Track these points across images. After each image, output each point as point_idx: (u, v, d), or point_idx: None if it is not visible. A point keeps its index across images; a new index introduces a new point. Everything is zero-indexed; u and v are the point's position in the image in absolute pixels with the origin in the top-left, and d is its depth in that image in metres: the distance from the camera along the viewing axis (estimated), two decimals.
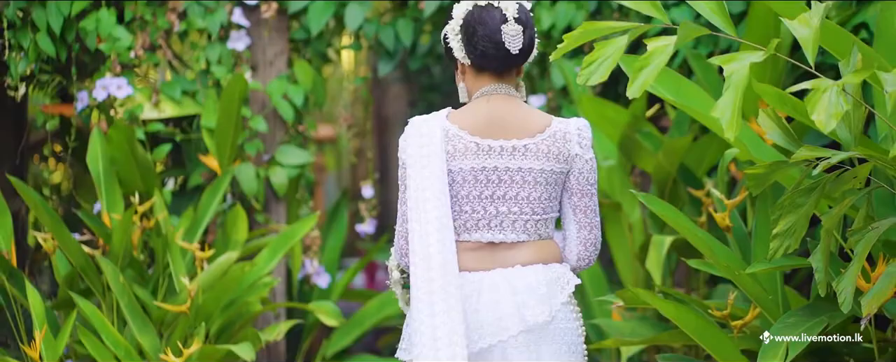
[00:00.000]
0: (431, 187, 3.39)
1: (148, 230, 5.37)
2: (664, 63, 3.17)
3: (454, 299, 3.34)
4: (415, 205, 3.41)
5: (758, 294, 4.02)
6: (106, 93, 5.52)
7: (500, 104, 3.52)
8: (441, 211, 3.38)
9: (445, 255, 3.36)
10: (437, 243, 3.37)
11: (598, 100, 5.57)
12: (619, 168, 5.79)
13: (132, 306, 5.06)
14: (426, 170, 3.40)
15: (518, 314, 3.44)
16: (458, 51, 3.50)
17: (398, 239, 3.53)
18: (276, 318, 5.98)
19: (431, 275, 3.35)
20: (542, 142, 3.49)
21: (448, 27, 3.52)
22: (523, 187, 3.48)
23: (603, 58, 3.21)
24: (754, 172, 3.70)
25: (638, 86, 3.16)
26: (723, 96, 3.12)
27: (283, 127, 6.03)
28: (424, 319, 3.33)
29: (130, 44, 5.62)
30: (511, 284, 3.47)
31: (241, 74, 5.54)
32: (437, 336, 3.32)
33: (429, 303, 3.33)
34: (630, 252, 5.81)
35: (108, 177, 5.33)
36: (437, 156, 3.41)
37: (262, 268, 5.41)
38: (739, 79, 3.14)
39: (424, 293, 3.35)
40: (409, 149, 3.46)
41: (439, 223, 3.38)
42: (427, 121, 3.47)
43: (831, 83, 3.12)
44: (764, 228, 4.10)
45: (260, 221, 5.95)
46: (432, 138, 3.42)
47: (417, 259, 3.38)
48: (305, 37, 6.08)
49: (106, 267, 5.02)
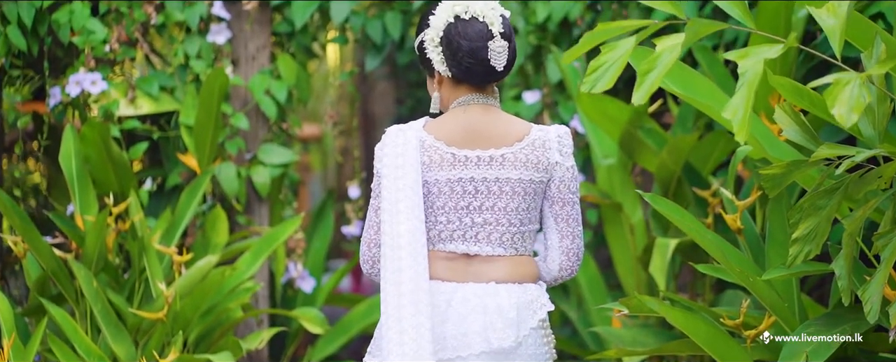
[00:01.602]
0: (405, 199, 3.37)
1: (123, 232, 5.25)
2: (673, 64, 3.00)
3: (423, 315, 3.32)
4: (388, 216, 3.37)
5: (773, 301, 3.84)
6: (79, 88, 5.41)
7: (477, 114, 3.48)
8: (413, 223, 3.35)
9: (416, 269, 3.34)
10: (409, 257, 3.34)
11: (597, 96, 5.40)
12: (620, 167, 5.69)
13: (106, 313, 4.97)
14: (400, 181, 3.38)
15: (483, 334, 3.41)
16: (439, 63, 3.44)
17: (362, 245, 3.51)
18: (258, 325, 5.90)
19: (401, 290, 3.32)
20: (520, 151, 3.45)
21: (426, 37, 3.44)
22: (501, 198, 3.44)
23: (609, 62, 3.06)
24: (770, 172, 3.53)
25: (644, 91, 2.99)
26: (735, 94, 2.94)
27: (266, 124, 5.95)
28: (392, 335, 3.32)
29: (105, 37, 5.51)
30: (482, 301, 3.43)
31: (221, 69, 5.45)
32: (404, 351, 3.29)
33: (397, 318, 3.31)
34: (631, 255, 5.69)
35: (81, 176, 5.22)
36: (412, 167, 3.39)
37: (244, 272, 5.34)
38: (753, 76, 2.95)
39: (393, 307, 3.33)
40: (385, 158, 3.43)
41: (411, 236, 3.35)
42: (403, 131, 3.45)
43: (855, 75, 2.94)
44: (779, 231, 3.99)
45: (241, 223, 5.86)
46: (407, 148, 3.40)
47: (387, 273, 3.35)
48: (289, 30, 5.98)
49: (79, 271, 4.93)
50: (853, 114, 2.86)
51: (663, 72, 2.97)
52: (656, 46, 3.01)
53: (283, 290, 6.28)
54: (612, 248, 5.79)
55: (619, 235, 5.73)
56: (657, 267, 5.02)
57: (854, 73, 2.91)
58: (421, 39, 3.46)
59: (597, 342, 5.75)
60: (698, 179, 5.29)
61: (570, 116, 5.95)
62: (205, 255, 5.39)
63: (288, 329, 6.05)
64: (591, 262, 5.97)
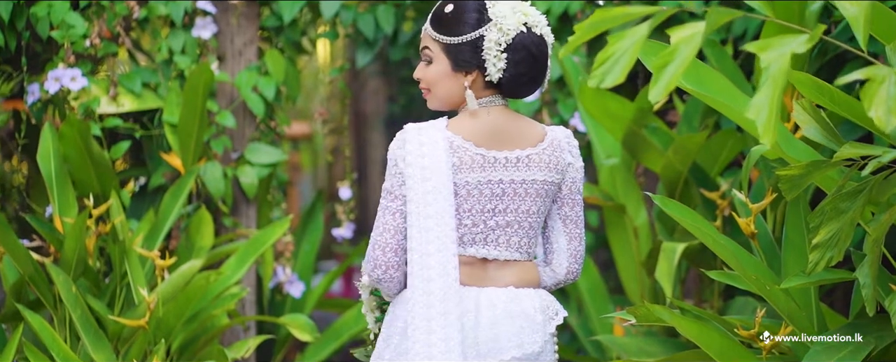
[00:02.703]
0: (434, 203, 3.30)
1: (104, 235, 5.17)
2: (692, 57, 2.77)
3: (452, 327, 3.29)
4: (416, 220, 3.30)
5: (791, 311, 3.67)
6: (59, 85, 5.33)
7: (500, 114, 3.42)
8: (443, 229, 3.30)
9: (446, 278, 3.29)
10: (438, 264, 3.29)
11: (600, 92, 5.28)
12: (623, 167, 5.55)
13: (86, 319, 4.90)
14: (429, 183, 3.30)
15: (516, 339, 3.38)
16: (492, 65, 3.34)
17: (374, 249, 3.38)
18: (244, 332, 5.83)
19: (430, 301, 3.28)
20: (543, 152, 3.42)
21: (490, 34, 3.34)
22: (524, 200, 3.41)
23: (619, 53, 2.79)
24: (788, 173, 3.36)
25: (661, 87, 2.75)
26: (758, 92, 2.73)
27: (253, 122, 5.87)
28: (419, 337, 3.28)
29: (86, 32, 5.43)
30: (508, 307, 3.40)
31: (206, 65, 5.36)
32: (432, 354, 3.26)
33: (426, 330, 3.28)
34: (635, 260, 5.56)
35: (60, 177, 5.15)
36: (442, 169, 3.32)
37: (230, 277, 5.27)
38: (778, 70, 2.73)
39: (422, 319, 3.29)
40: (408, 157, 3.33)
41: (440, 243, 3.29)
42: (426, 130, 3.36)
43: (888, 70, 2.72)
44: (796, 236, 3.83)
45: (227, 225, 5.79)
46: (435, 149, 3.32)
47: (416, 280, 3.30)
48: (277, 24, 5.91)
49: (57, 276, 4.86)
50: (893, 117, 2.65)
51: (682, 66, 2.75)
52: (670, 38, 2.80)
53: (271, 295, 6.23)
54: (615, 252, 5.68)
55: (622, 239, 5.63)
56: (663, 272, 4.89)
57: (886, 69, 2.71)
58: (480, 34, 3.35)
59: (598, 349, 5.65)
60: (706, 180, 5.18)
61: (570, 114, 5.85)
62: (189, 259, 5.34)
63: (276, 336, 6.03)
64: (593, 267, 5.88)
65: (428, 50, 3.41)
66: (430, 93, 3.45)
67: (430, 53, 3.41)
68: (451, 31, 3.34)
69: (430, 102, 3.46)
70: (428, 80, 3.43)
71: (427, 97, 3.46)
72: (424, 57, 3.43)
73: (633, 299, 5.55)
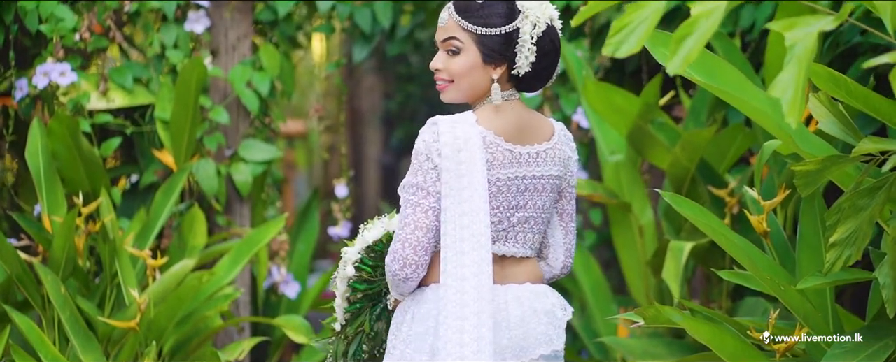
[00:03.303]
0: (470, 200, 3.27)
1: (94, 234, 5.15)
2: (712, 31, 2.68)
3: (485, 326, 3.25)
4: (451, 217, 3.28)
5: (807, 312, 3.57)
6: (47, 80, 5.31)
7: (520, 108, 3.42)
8: (479, 228, 3.26)
9: (480, 278, 3.25)
10: (473, 264, 3.25)
11: (605, 86, 5.22)
12: (629, 164, 5.48)
13: (75, 321, 4.88)
14: (465, 179, 3.27)
15: (545, 337, 3.40)
16: (523, 58, 3.33)
17: (405, 247, 3.31)
18: (238, 334, 5.79)
19: (465, 299, 3.25)
20: (554, 147, 3.44)
21: (525, 27, 3.32)
22: (541, 195, 3.41)
23: (636, 22, 2.73)
24: (804, 169, 3.28)
25: (679, 60, 2.67)
26: (783, 71, 2.66)
27: (248, 118, 5.84)
28: (451, 337, 3.25)
29: (75, 25, 5.41)
30: (532, 304, 3.41)
31: (199, 59, 5.33)
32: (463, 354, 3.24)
33: (458, 330, 3.25)
34: (640, 259, 5.48)
35: (49, 174, 5.14)
36: (478, 165, 3.28)
37: (223, 277, 5.27)
38: (804, 50, 2.66)
39: (454, 318, 3.25)
40: (444, 149, 3.28)
41: (475, 241, 3.26)
42: (460, 124, 3.31)
43: None
44: (810, 234, 3.74)
45: (221, 224, 5.75)
46: (470, 144, 3.28)
47: (449, 278, 3.27)
48: (272, 18, 5.87)
49: (45, 276, 4.84)
50: None
51: (702, 39, 2.67)
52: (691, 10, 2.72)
53: (266, 296, 6.16)
54: (620, 251, 5.61)
55: (627, 238, 5.56)
56: (671, 272, 4.81)
57: None
58: (516, 27, 3.31)
59: (601, 350, 5.58)
60: (714, 177, 5.11)
61: (572, 109, 5.82)
62: (181, 259, 5.30)
63: (270, 338, 5.98)
64: (596, 266, 5.82)
65: (455, 40, 3.33)
66: (450, 85, 3.38)
67: (457, 44, 3.33)
68: (484, 21, 3.30)
69: (446, 94, 3.39)
70: (453, 72, 3.36)
71: (444, 89, 3.39)
72: (449, 47, 3.35)
73: (637, 299, 5.49)
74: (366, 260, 3.51)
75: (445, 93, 3.38)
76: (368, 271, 3.51)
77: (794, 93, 2.62)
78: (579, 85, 5.46)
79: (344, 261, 3.54)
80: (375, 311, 3.54)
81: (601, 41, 5.61)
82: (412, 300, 3.38)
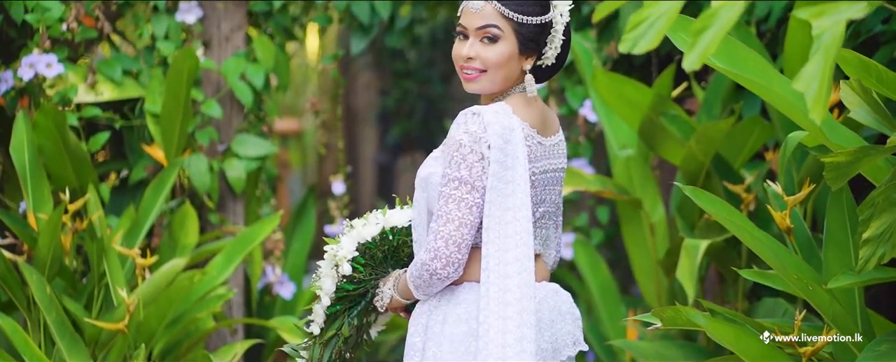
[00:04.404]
0: (513, 195, 3.21)
1: (81, 232, 5.13)
2: (733, 23, 2.58)
3: (528, 326, 3.19)
4: (495, 212, 3.22)
5: (836, 314, 3.44)
6: (33, 72, 5.27)
7: (539, 99, 3.40)
8: (522, 223, 3.20)
9: (523, 276, 3.20)
10: (516, 261, 3.19)
11: (615, 77, 5.14)
12: (640, 158, 5.39)
13: (61, 322, 4.85)
14: (509, 172, 3.21)
15: (572, 337, 3.40)
16: (553, 49, 3.32)
17: (448, 246, 3.23)
18: (231, 336, 5.78)
19: (507, 298, 3.19)
20: (562, 137, 3.46)
21: (558, 19, 3.32)
22: (556, 188, 3.40)
23: (654, 16, 2.63)
24: (835, 160, 3.16)
25: (697, 54, 2.56)
26: (809, 62, 2.52)
27: (241, 112, 5.80)
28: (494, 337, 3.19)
29: (62, 15, 5.37)
30: (557, 303, 3.39)
31: (190, 50, 5.31)
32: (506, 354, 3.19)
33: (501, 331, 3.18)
34: (651, 258, 5.39)
35: (34, 170, 5.09)
36: (521, 159, 3.23)
37: (216, 277, 5.22)
38: (831, 39, 2.52)
39: (496, 318, 3.19)
40: (493, 141, 3.20)
41: (519, 238, 3.20)
42: (502, 115, 3.25)
43: None
44: (838, 230, 3.60)
45: (213, 222, 5.74)
46: (513, 136, 3.23)
47: (492, 276, 3.20)
48: (266, 9, 5.85)
49: (30, 276, 4.81)
50: None
51: (722, 31, 2.55)
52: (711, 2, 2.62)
53: (260, 297, 6.16)
54: (630, 250, 5.53)
55: (638, 235, 5.48)
56: (685, 272, 4.71)
57: None
58: (551, 18, 3.30)
59: (608, 353, 5.51)
60: (729, 172, 5.02)
61: (579, 102, 5.78)
62: (172, 258, 5.26)
63: (265, 340, 5.96)
64: (603, 265, 5.76)
65: (494, 28, 3.25)
66: (481, 75, 3.29)
67: (496, 31, 3.26)
68: (524, 9, 3.27)
69: (476, 84, 3.30)
70: (488, 61, 3.27)
71: (475, 79, 3.30)
72: (485, 34, 3.26)
73: (648, 300, 5.42)
74: (359, 258, 3.41)
75: (474, 84, 3.30)
76: (361, 270, 3.40)
77: (820, 86, 2.50)
78: (588, 76, 5.39)
79: (337, 258, 3.43)
80: (352, 313, 3.45)
81: (609, 32, 5.59)
82: (442, 300, 3.30)
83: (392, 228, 3.42)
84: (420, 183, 3.29)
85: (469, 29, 3.26)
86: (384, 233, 3.41)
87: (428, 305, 3.30)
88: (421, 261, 3.23)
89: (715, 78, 5.08)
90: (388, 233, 3.42)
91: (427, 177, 3.27)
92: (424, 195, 3.28)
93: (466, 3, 3.26)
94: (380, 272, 3.41)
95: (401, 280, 3.34)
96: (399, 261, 3.45)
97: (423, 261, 3.23)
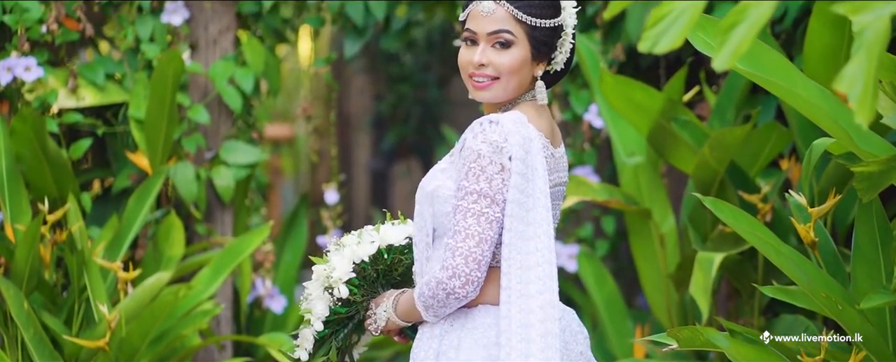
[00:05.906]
0: (534, 209, 3.08)
1: (61, 244, 5.06)
2: (766, 19, 2.42)
3: (553, 348, 3.06)
4: (515, 226, 3.08)
5: (867, 334, 3.28)
6: (11, 76, 5.23)
7: (546, 107, 3.30)
8: (543, 240, 3.08)
9: (546, 295, 3.06)
10: (538, 280, 3.05)
11: (623, 81, 5.01)
12: (649, 166, 5.26)
13: (39, 340, 4.82)
14: (530, 185, 3.09)
15: (583, 358, 3.28)
16: (563, 54, 3.22)
17: (468, 263, 3.08)
18: (219, 353, 5.71)
19: (530, 320, 3.05)
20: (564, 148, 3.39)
21: (569, 18, 3.21)
22: (559, 203, 3.31)
23: (677, 13, 2.47)
24: (865, 170, 3.04)
25: (728, 53, 2.41)
26: (851, 62, 2.35)
27: (230, 118, 5.75)
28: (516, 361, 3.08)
29: (42, 16, 5.34)
30: (567, 322, 3.26)
31: (176, 52, 5.24)
32: None
33: (524, 355, 3.04)
34: (661, 271, 5.26)
35: (12, 178, 5.07)
36: (540, 171, 3.11)
37: (202, 291, 5.18)
38: (874, 36, 2.34)
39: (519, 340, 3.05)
40: (515, 151, 3.07)
41: (540, 255, 3.07)
42: (520, 124, 3.13)
43: None
44: (867, 245, 3.44)
45: (200, 233, 5.68)
46: (533, 147, 3.12)
47: (514, 296, 3.06)
48: (256, 10, 5.79)
49: (7, 290, 4.77)
50: None
51: (754, 29, 2.39)
52: None
53: (250, 311, 6.09)
54: (638, 263, 5.39)
55: (648, 248, 5.33)
56: (699, 287, 4.56)
57: None
58: (562, 23, 3.19)
59: None
60: (744, 181, 4.88)
61: (584, 108, 5.66)
62: (156, 271, 5.20)
63: (254, 358, 5.85)
64: (610, 279, 5.63)
65: (507, 33, 3.12)
66: (494, 83, 3.16)
67: (509, 37, 3.13)
68: (538, 12, 3.14)
69: (487, 93, 3.17)
70: (502, 67, 3.14)
71: (486, 87, 3.17)
72: (498, 39, 3.13)
73: (658, 316, 5.29)
74: (354, 279, 3.25)
75: (486, 92, 3.17)
76: (356, 292, 3.24)
77: (865, 87, 2.32)
78: (594, 80, 5.29)
79: (332, 280, 3.27)
80: (339, 336, 3.31)
81: (615, 33, 5.49)
82: (455, 323, 3.17)
83: (388, 246, 3.27)
84: (425, 197, 3.14)
85: (479, 34, 3.12)
86: (379, 252, 3.27)
87: (439, 329, 3.15)
88: (436, 279, 3.10)
89: (727, 81, 4.96)
90: (383, 251, 3.27)
91: (434, 192, 3.12)
92: (430, 210, 3.13)
93: (474, 4, 3.12)
94: (371, 293, 3.25)
95: (400, 300, 3.18)
96: (391, 280, 3.30)
97: (440, 280, 3.10)
